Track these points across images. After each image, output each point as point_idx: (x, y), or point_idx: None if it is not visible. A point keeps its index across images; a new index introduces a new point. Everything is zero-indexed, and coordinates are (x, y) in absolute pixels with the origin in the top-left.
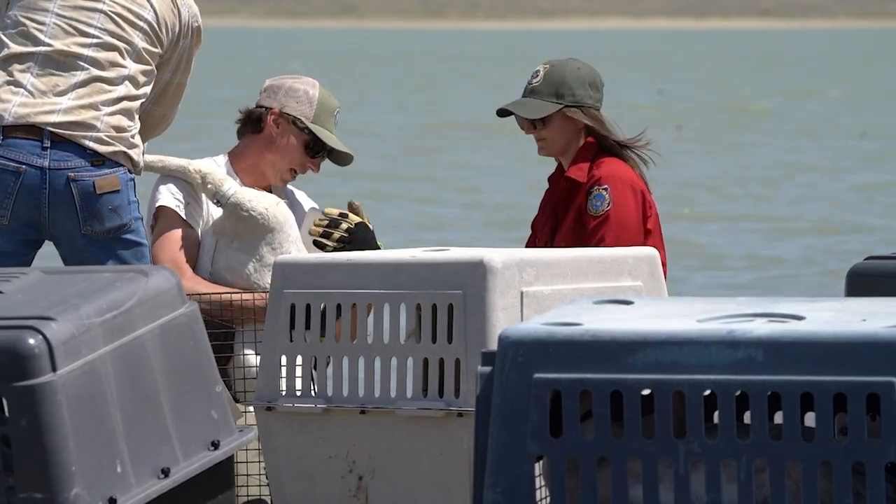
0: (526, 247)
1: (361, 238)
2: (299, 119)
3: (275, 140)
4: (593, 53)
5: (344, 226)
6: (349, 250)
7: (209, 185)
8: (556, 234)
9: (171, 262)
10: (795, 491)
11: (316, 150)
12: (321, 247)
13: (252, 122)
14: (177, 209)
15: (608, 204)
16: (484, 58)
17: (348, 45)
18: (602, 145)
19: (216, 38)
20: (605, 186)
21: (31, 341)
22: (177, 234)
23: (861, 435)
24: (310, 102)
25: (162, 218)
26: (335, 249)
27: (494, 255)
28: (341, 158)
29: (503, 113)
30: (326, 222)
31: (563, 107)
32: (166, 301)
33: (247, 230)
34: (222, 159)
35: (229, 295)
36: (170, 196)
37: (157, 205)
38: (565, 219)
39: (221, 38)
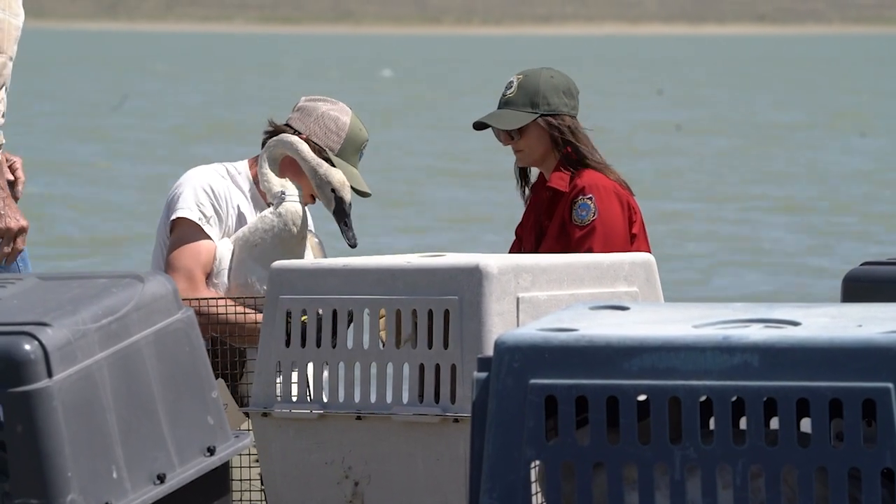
0: (509, 252)
1: None
2: (324, 150)
3: (298, 165)
4: (589, 59)
5: None
6: None
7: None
8: (541, 244)
9: (186, 272)
10: (791, 497)
11: None
12: None
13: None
14: (198, 221)
15: (594, 213)
16: (480, 63)
17: (345, 51)
18: (574, 155)
19: (211, 45)
20: (590, 196)
21: (27, 347)
22: (195, 245)
23: (857, 440)
24: (338, 134)
25: (180, 227)
26: None
27: (490, 261)
28: (359, 192)
29: (479, 126)
30: None
31: (539, 116)
32: (162, 307)
33: (278, 241)
34: (243, 166)
35: (243, 316)
36: (194, 206)
37: (176, 216)
38: (549, 228)
39: (216, 45)
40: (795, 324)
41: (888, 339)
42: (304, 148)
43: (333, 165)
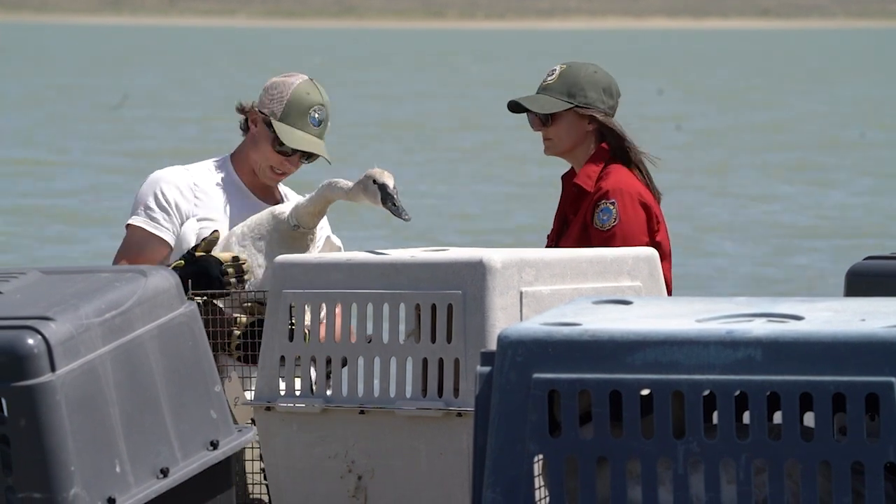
0: (547, 238)
1: None
2: (268, 116)
3: (255, 138)
4: (592, 53)
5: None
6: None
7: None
8: (561, 239)
9: None
10: (795, 491)
11: (286, 148)
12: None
13: (244, 121)
14: (144, 225)
15: (615, 219)
16: (483, 58)
17: (348, 45)
18: (614, 151)
19: (214, 39)
20: (612, 201)
21: (31, 341)
22: (136, 249)
23: (860, 435)
24: (280, 100)
25: (129, 232)
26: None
27: (494, 255)
28: (315, 158)
29: (514, 107)
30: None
31: (573, 107)
32: (165, 301)
33: (290, 240)
34: (224, 161)
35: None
36: (142, 212)
37: (128, 222)
38: (571, 226)
39: (219, 39)
40: (798, 318)
41: (891, 333)
42: (341, 183)
43: (273, 131)
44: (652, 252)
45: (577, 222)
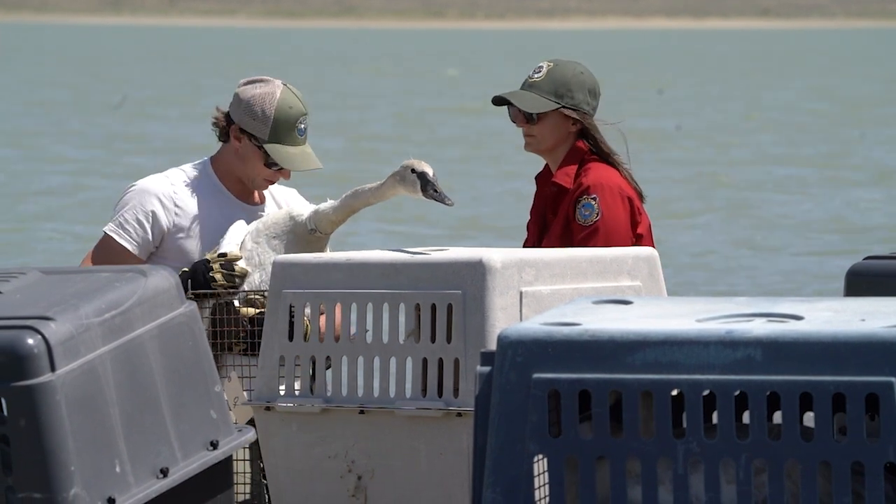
0: (525, 243)
1: None
2: (255, 137)
3: (240, 154)
4: (592, 53)
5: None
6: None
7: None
8: (544, 239)
9: None
10: (794, 491)
11: (276, 164)
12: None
13: (222, 131)
14: (115, 235)
15: (597, 214)
16: (483, 58)
17: (348, 46)
18: (593, 150)
19: (214, 39)
20: (594, 196)
21: (30, 341)
22: (102, 259)
23: (860, 435)
24: (265, 120)
25: (101, 240)
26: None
27: (494, 255)
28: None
29: (498, 101)
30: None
31: (560, 107)
32: (165, 301)
33: (306, 242)
34: (204, 165)
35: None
36: (119, 222)
37: (104, 230)
38: (553, 225)
39: (219, 39)
40: (798, 318)
41: (891, 333)
42: (366, 187)
43: (266, 153)
44: (652, 252)
45: (558, 220)
